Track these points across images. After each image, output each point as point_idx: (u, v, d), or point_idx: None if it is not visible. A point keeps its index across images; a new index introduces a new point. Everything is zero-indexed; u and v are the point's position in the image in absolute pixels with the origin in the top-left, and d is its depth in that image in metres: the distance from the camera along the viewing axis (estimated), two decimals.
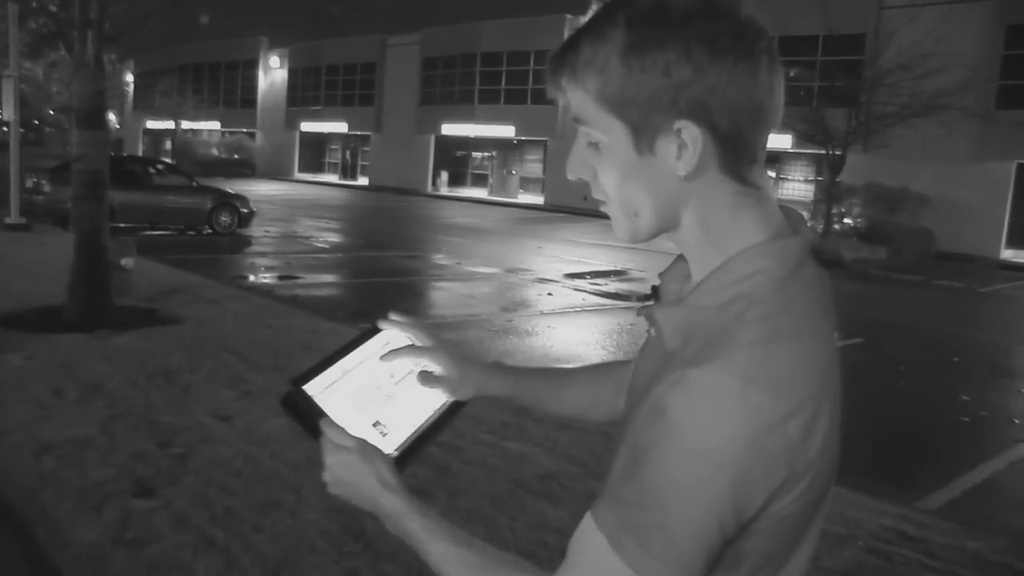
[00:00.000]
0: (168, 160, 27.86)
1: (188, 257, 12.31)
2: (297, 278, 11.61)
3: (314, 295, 10.47)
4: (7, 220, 13.67)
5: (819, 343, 0.83)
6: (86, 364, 5.87)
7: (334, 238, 17.61)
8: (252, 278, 11.43)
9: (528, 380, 1.28)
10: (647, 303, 0.93)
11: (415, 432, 1.11)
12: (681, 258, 0.94)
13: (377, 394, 1.11)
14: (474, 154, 39.47)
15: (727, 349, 0.77)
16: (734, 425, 0.74)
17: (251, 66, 48.59)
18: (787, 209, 0.91)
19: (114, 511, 3.59)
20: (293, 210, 23.50)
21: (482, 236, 19.22)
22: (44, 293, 7.71)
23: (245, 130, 47.79)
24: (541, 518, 3.78)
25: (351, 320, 8.17)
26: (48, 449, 4.25)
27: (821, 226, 19.56)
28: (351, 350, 1.15)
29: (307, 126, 45.71)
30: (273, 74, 47.77)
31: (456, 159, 39.41)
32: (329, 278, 12.19)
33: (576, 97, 0.85)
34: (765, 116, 0.82)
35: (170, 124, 45.87)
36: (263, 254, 14.46)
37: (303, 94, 45.74)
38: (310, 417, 1.03)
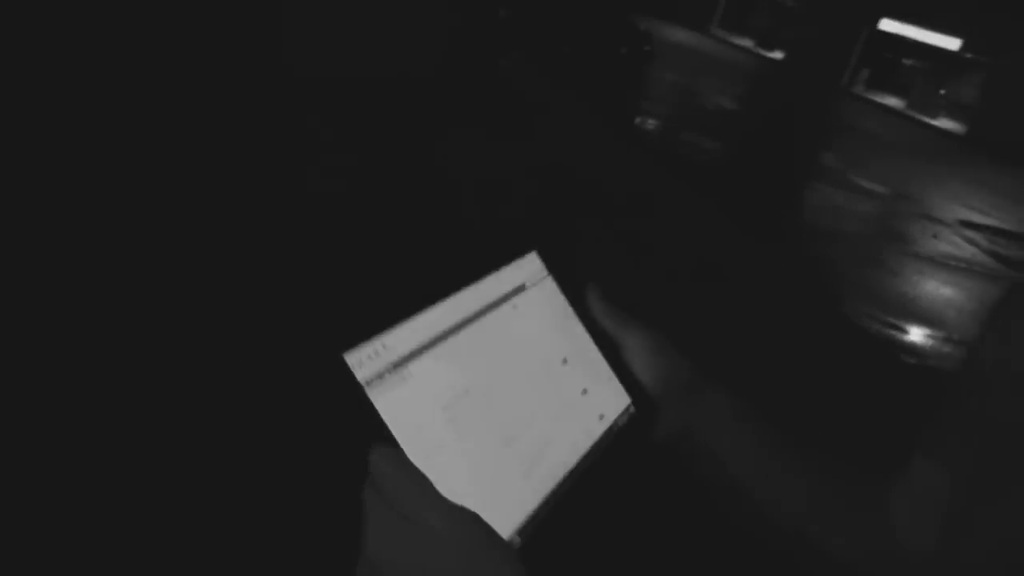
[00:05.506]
0: None
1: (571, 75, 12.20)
2: (665, 128, 11.14)
3: (675, 148, 9.97)
4: None
5: None
6: None
7: (722, 102, 16.65)
8: (619, 114, 11.12)
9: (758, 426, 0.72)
10: None
11: (573, 469, 0.62)
12: None
13: (517, 384, 0.62)
14: (904, 60, 35.53)
15: None
16: None
17: None
18: None
19: None
20: (695, 63, 22.65)
21: (883, 150, 17.30)
22: None
23: None
24: None
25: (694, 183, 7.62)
26: None
27: None
28: (467, 283, 0.64)
29: None
30: None
31: (881, 59, 35.73)
32: (698, 139, 11.50)
33: None
34: None
35: None
36: (644, 98, 13.99)
37: None
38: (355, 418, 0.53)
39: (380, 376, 0.54)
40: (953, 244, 9.56)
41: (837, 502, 0.69)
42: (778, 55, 39.29)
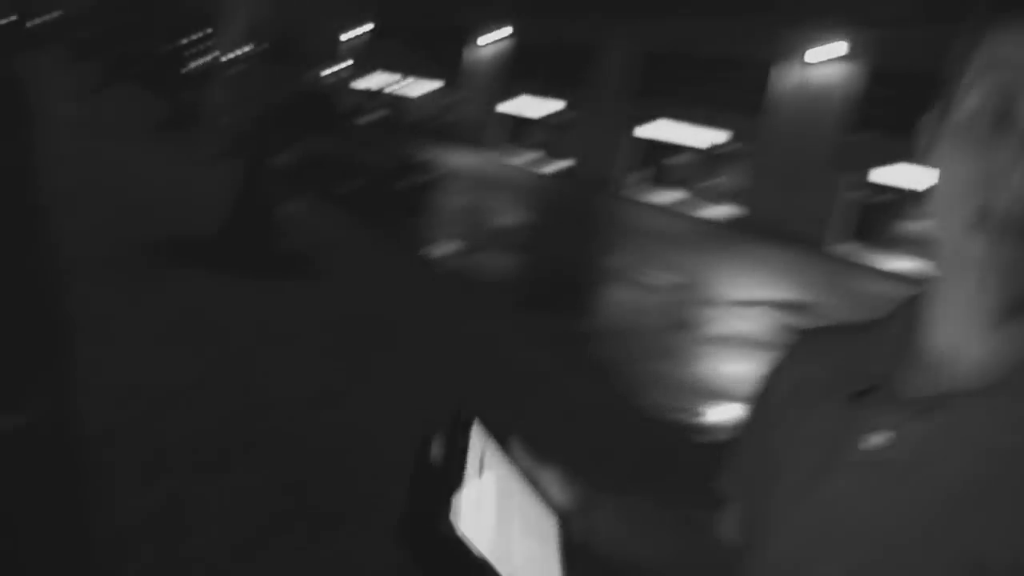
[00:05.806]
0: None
1: (359, 212, 12.32)
2: (458, 252, 11.41)
3: (469, 271, 10.20)
4: None
5: None
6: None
7: (509, 219, 17.27)
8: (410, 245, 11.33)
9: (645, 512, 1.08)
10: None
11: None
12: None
13: (519, 523, 0.82)
14: (674, 158, 38.35)
15: None
16: None
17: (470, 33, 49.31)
18: None
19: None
20: (478, 185, 23.46)
21: (666, 244, 18.41)
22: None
23: (453, 97, 48.53)
24: None
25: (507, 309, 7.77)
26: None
27: None
28: (466, 449, 0.81)
29: (515, 103, 45.80)
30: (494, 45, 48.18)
31: (655, 160, 38.43)
32: (491, 259, 11.85)
33: None
34: None
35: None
36: (432, 225, 14.32)
37: (520, 67, 45.69)
38: None
39: (473, 529, 0.69)
40: (737, 321, 10.20)
41: (691, 548, 1.02)
42: (560, 166, 41.33)
